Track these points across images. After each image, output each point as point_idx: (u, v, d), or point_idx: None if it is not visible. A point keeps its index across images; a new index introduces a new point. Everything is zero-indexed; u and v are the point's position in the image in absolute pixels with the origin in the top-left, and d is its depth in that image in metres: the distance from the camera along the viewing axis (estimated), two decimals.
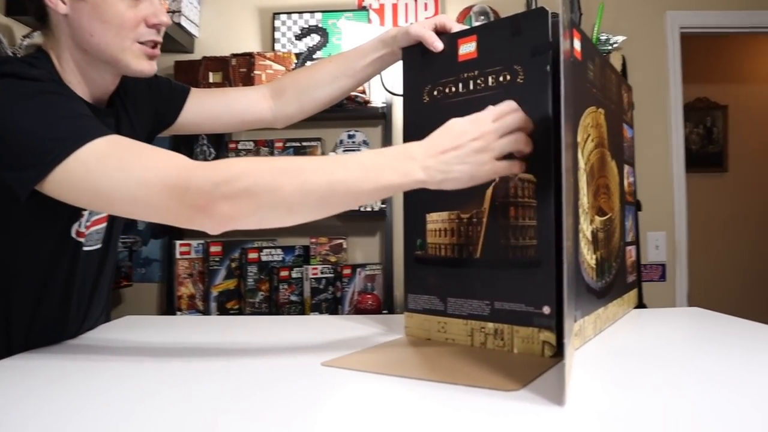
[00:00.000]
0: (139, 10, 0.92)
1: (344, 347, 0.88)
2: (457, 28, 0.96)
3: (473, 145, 0.76)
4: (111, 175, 0.76)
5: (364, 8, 2.70)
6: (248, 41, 2.75)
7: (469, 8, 2.46)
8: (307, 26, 2.64)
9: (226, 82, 2.49)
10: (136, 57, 0.94)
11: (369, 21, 2.64)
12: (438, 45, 0.95)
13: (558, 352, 0.80)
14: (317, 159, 0.78)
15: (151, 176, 0.76)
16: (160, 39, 0.96)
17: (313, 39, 2.61)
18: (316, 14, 2.68)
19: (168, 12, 2.33)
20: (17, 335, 0.94)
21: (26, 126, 0.78)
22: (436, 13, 2.68)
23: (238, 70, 2.49)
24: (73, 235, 0.95)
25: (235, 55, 2.51)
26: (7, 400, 0.66)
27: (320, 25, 2.64)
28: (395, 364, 0.80)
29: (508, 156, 0.79)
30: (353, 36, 2.45)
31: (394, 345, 0.91)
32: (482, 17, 2.35)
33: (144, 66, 0.95)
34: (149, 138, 1.18)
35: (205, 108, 1.19)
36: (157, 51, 0.96)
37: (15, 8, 2.30)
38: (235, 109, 1.20)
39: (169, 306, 2.49)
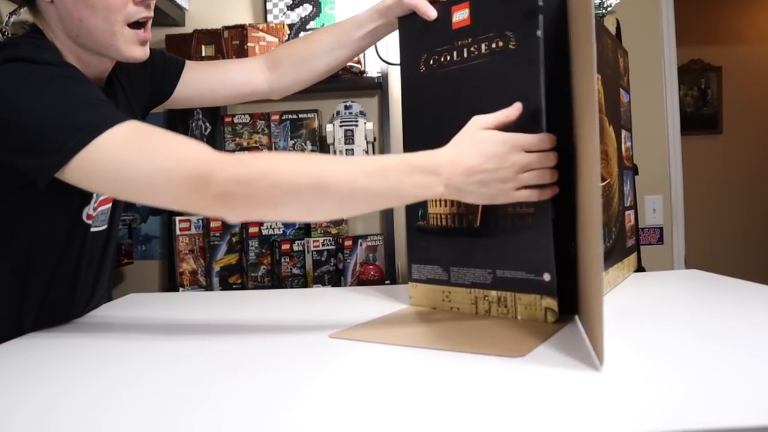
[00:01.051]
0: None
1: (351, 319, 0.90)
2: None
3: (499, 173, 0.76)
4: (133, 163, 0.76)
5: None
6: (240, 13, 2.71)
7: None
8: None
9: (219, 55, 2.46)
10: (127, 43, 0.91)
11: None
12: (431, 13, 0.94)
13: (560, 318, 0.82)
14: (340, 162, 0.77)
15: (174, 166, 0.76)
16: (150, 14, 0.93)
17: (306, 9, 2.57)
18: None
19: None
20: (28, 316, 0.95)
21: (43, 113, 0.78)
22: None
23: (230, 43, 2.46)
24: (84, 218, 0.96)
25: (227, 28, 2.47)
26: (18, 378, 0.68)
27: None
28: (403, 334, 0.82)
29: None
30: (346, 5, 2.41)
31: (400, 315, 0.93)
32: None
33: (136, 52, 0.93)
34: (145, 113, 1.18)
35: (200, 81, 1.19)
36: (149, 34, 0.94)
37: None
38: (231, 81, 1.19)
39: (171, 282, 2.50)
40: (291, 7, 2.60)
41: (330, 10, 2.57)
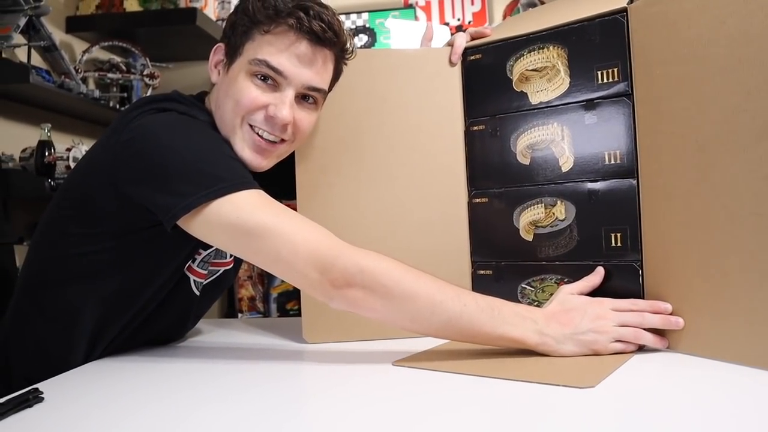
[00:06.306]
0: (264, 96, 0.87)
1: (414, 345, 0.89)
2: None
3: (593, 324, 0.78)
4: (263, 227, 0.78)
5: (410, 5, 2.70)
6: None
7: (517, 0, 2.43)
8: (354, 27, 2.66)
9: None
10: (242, 141, 0.89)
11: (416, 18, 2.64)
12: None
13: None
14: (454, 288, 0.80)
15: (302, 243, 0.78)
16: (273, 136, 0.89)
17: (362, 39, 2.62)
18: (363, 14, 2.69)
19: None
20: (99, 347, 0.94)
21: (191, 156, 0.80)
22: (483, 8, 2.66)
23: None
24: (185, 271, 0.95)
25: None
26: (95, 402, 0.70)
27: (367, 25, 2.66)
28: (467, 362, 0.80)
29: None
30: (401, 34, 2.45)
31: (463, 343, 0.92)
32: (530, 9, 2.32)
33: (247, 154, 0.89)
34: None
35: None
36: (264, 145, 0.89)
37: (75, 25, 2.39)
38: None
39: (230, 308, 2.54)
40: None
41: (385, 39, 2.61)
